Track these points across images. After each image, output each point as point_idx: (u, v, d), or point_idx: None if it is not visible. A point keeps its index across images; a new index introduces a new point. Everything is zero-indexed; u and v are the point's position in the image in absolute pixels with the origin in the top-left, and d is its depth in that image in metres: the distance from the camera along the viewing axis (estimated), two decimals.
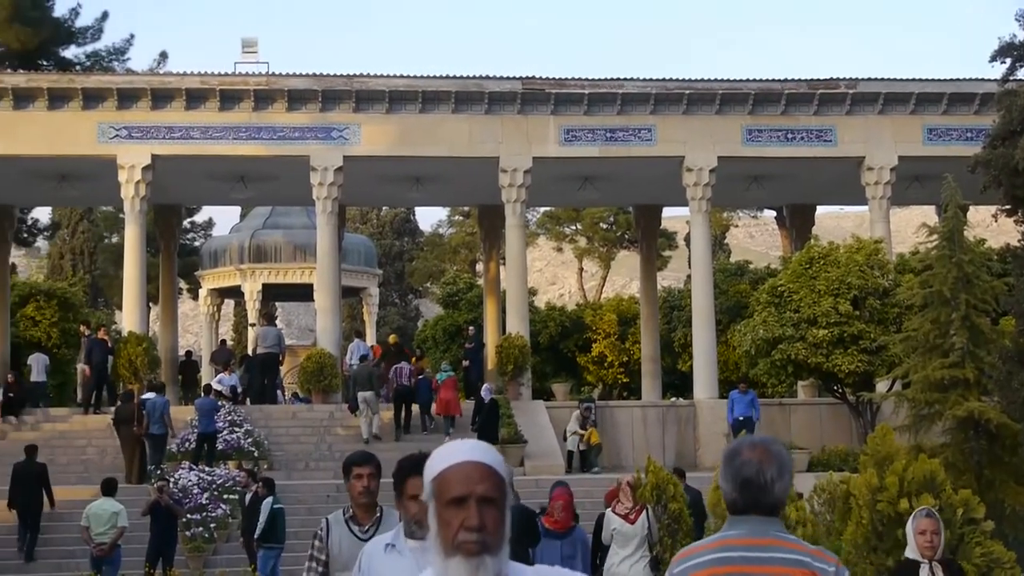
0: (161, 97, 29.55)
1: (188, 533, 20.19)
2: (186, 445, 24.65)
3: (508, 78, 30.34)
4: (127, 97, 29.48)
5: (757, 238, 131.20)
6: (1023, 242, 19.57)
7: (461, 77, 30.31)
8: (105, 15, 42.42)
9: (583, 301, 56.53)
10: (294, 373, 38.34)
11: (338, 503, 13.74)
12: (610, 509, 13.20)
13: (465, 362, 32.73)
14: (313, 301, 37.73)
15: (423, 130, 30.14)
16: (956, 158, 27.55)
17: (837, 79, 31.08)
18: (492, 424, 25.67)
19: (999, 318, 19.62)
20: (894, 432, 11.49)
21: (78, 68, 39.85)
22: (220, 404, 26.26)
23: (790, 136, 31.15)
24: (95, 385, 28.45)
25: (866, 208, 32.84)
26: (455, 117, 30.23)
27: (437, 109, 30.20)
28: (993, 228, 46.21)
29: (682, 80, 30.87)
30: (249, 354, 34.63)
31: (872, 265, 27.69)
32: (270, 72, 30.32)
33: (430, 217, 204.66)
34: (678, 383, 37.39)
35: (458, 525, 2.89)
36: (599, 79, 30.59)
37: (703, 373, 30.82)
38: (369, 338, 44.67)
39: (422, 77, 30.24)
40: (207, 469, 22.72)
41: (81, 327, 30.99)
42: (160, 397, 24.66)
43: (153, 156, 29.57)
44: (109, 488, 18.41)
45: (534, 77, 30.41)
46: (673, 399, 33.28)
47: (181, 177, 31.59)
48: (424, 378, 28.00)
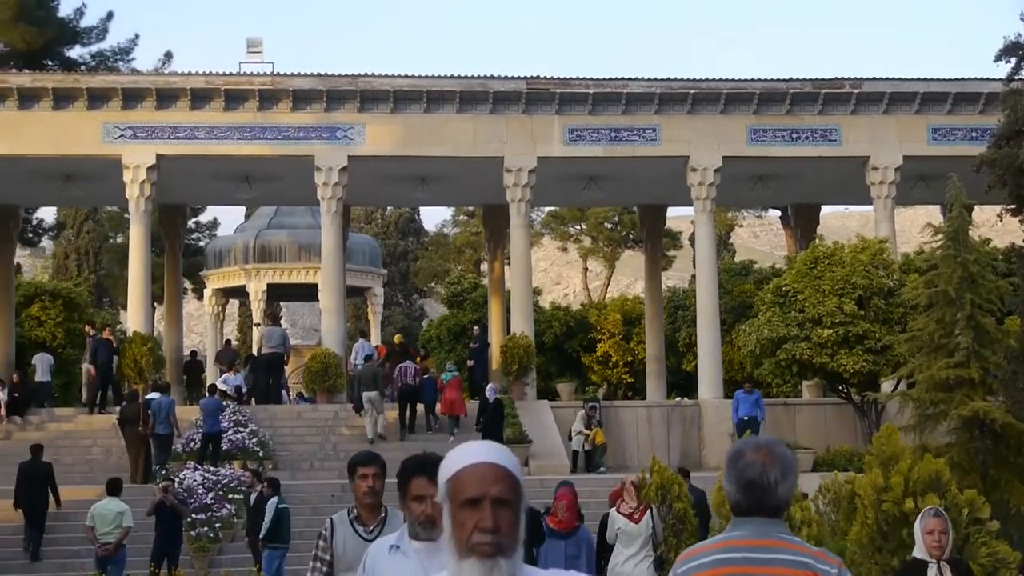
0: (166, 97, 29.56)
1: (193, 533, 20.22)
2: (191, 445, 24.67)
3: (512, 78, 30.31)
4: (132, 97, 29.50)
5: (762, 238, 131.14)
6: None
7: (465, 77, 30.29)
8: (110, 15, 42.31)
9: (587, 301, 56.47)
10: (299, 373, 38.39)
11: (343, 503, 13.70)
12: (614, 509, 13.21)
13: (470, 362, 32.68)
14: (318, 301, 37.73)
15: (427, 130, 30.13)
16: (961, 158, 27.56)
17: (842, 79, 31.01)
18: (497, 424, 25.57)
19: (1004, 318, 19.63)
20: (899, 432, 11.46)
21: (83, 68, 39.82)
22: (225, 404, 26.31)
23: (795, 136, 31.10)
24: (100, 385, 28.46)
25: (871, 208, 32.78)
26: (459, 117, 30.22)
27: (441, 109, 30.19)
28: (998, 227, 46.19)
29: (687, 80, 30.84)
30: (254, 354, 34.64)
31: (877, 265, 27.65)
32: (275, 72, 30.30)
33: (435, 217, 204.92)
34: (683, 383, 37.38)
35: (472, 526, 2.87)
36: (603, 79, 30.55)
37: (708, 373, 30.80)
38: (374, 338, 44.72)
39: (426, 77, 30.23)
40: (212, 469, 22.74)
41: (86, 327, 31.00)
42: (165, 397, 24.71)
43: (158, 156, 29.60)
44: (114, 488, 18.40)
45: (538, 77, 30.38)
46: (678, 399, 33.26)
47: (186, 177, 31.61)
48: (429, 378, 28.00)
